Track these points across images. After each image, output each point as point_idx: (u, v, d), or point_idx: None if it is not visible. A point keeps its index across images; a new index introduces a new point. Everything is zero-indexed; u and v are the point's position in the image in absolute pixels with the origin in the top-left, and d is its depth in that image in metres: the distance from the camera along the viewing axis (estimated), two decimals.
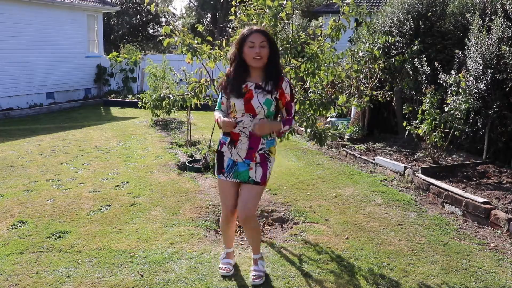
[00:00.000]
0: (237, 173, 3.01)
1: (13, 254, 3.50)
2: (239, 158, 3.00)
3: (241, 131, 2.96)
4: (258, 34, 2.86)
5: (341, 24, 3.68)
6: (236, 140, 2.98)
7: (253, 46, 2.84)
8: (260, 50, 2.84)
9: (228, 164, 3.03)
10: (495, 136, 5.93)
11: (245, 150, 2.98)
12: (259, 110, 2.91)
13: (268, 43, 2.87)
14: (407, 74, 7.37)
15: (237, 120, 2.96)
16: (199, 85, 3.86)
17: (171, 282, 3.11)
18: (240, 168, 3.00)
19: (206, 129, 8.70)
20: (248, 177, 3.00)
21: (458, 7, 7.01)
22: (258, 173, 2.99)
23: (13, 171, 5.85)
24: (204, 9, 33.33)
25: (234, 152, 3.00)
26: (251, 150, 2.98)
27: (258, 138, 2.96)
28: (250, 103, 2.91)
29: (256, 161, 2.99)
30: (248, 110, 2.92)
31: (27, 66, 11.80)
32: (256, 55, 2.85)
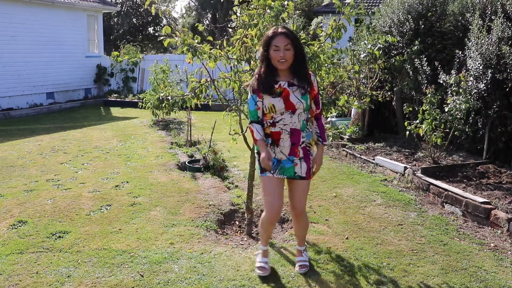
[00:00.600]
0: (283, 170, 3.09)
1: (13, 254, 3.50)
2: (283, 156, 3.07)
3: (282, 129, 3.04)
4: (282, 37, 2.92)
5: (341, 24, 3.68)
6: (278, 139, 3.06)
7: (278, 50, 2.91)
8: (284, 54, 2.92)
9: (273, 163, 3.07)
10: (495, 136, 5.93)
11: (288, 147, 3.06)
12: (299, 105, 3.00)
13: (292, 45, 2.93)
14: (407, 74, 7.37)
15: (276, 119, 3.03)
16: (199, 85, 3.86)
17: (171, 282, 3.11)
18: (285, 164, 3.08)
19: (206, 129, 8.70)
20: (294, 173, 3.08)
21: (458, 7, 7.00)
22: (303, 168, 3.08)
23: (13, 171, 5.85)
24: (204, 8, 33.34)
25: (277, 151, 3.08)
26: (294, 146, 3.06)
27: (299, 132, 3.05)
28: (289, 100, 2.99)
29: (299, 156, 3.07)
30: (288, 108, 3.00)
31: (27, 66, 11.81)
32: (281, 59, 2.92)
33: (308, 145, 3.12)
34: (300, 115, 3.03)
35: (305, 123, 3.09)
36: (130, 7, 29.02)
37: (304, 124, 3.09)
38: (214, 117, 7.71)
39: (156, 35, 29.44)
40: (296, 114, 3.02)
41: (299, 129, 3.05)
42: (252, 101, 3.06)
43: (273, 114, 3.02)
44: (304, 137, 3.09)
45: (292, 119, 3.02)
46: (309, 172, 3.11)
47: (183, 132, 8.71)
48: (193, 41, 3.62)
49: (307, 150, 3.11)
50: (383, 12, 8.01)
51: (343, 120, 8.57)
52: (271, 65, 2.99)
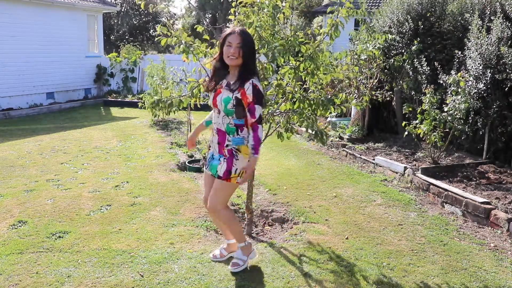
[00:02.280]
0: (211, 166, 3.21)
1: (13, 254, 3.50)
2: (215, 152, 3.21)
3: (213, 126, 3.23)
4: (237, 36, 2.99)
5: (338, 21, 3.67)
6: (212, 135, 3.24)
7: (230, 46, 3.00)
8: (235, 50, 2.98)
9: (209, 157, 3.27)
10: (495, 136, 5.93)
11: (216, 145, 3.19)
12: (220, 106, 3.08)
13: (243, 46, 2.98)
14: (407, 74, 7.37)
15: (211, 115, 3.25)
16: (197, 84, 3.85)
17: (171, 282, 3.11)
18: (214, 161, 3.20)
19: (206, 129, 8.70)
20: (216, 171, 3.15)
21: (457, 8, 7.01)
22: (222, 168, 3.11)
23: (13, 171, 5.85)
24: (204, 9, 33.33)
25: (212, 146, 3.25)
26: (219, 145, 3.16)
27: (224, 134, 3.14)
28: (215, 98, 3.11)
29: (226, 156, 3.14)
30: (214, 105, 3.14)
31: (27, 66, 11.80)
32: (231, 55, 2.99)
33: (236, 149, 3.10)
34: (224, 118, 3.09)
35: (231, 128, 3.08)
36: (130, 7, 29.01)
37: (231, 129, 3.08)
38: None
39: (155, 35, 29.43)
40: (220, 116, 3.11)
41: (223, 131, 3.12)
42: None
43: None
44: (229, 141, 3.10)
45: (218, 119, 3.14)
46: (227, 174, 3.09)
47: (183, 132, 8.71)
48: (188, 38, 3.62)
49: (232, 153, 3.11)
50: (383, 12, 8.01)
51: (343, 120, 8.58)
52: (224, 63, 3.09)
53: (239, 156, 3.11)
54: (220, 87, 3.11)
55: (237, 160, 3.10)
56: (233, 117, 3.07)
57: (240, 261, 3.32)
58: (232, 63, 3.02)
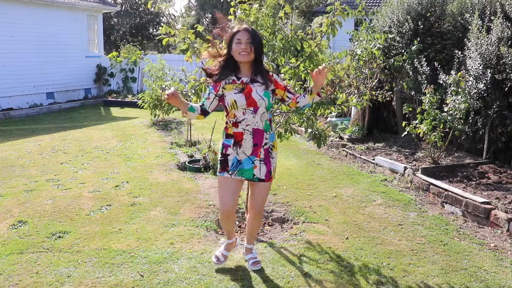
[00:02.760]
0: (242, 171, 3.07)
1: (13, 254, 3.50)
2: (244, 156, 3.06)
3: (244, 129, 3.02)
4: (245, 32, 2.95)
5: (335, 19, 3.67)
6: (241, 139, 3.03)
7: (240, 43, 2.93)
8: (246, 46, 2.93)
9: (232, 163, 3.07)
10: (495, 136, 5.93)
11: (250, 148, 3.05)
12: (261, 103, 2.99)
13: (253, 42, 2.94)
14: (406, 74, 7.37)
15: (239, 119, 3.01)
16: (199, 83, 3.86)
17: (171, 282, 3.11)
18: (245, 165, 3.06)
19: (206, 129, 8.70)
20: (253, 175, 3.07)
21: (457, 8, 7.00)
22: (262, 171, 3.08)
23: (13, 171, 5.85)
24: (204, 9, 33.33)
25: (240, 151, 3.05)
26: (256, 146, 3.05)
27: (262, 133, 3.03)
28: (251, 97, 2.97)
29: (260, 158, 3.06)
30: (250, 105, 2.98)
31: (27, 66, 11.80)
32: (243, 51, 2.93)
33: (271, 147, 3.11)
34: (263, 115, 3.02)
35: (268, 124, 3.08)
36: (130, 7, 29.01)
37: (267, 125, 3.07)
38: (214, 117, 7.69)
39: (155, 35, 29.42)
40: (258, 114, 3.00)
41: (262, 129, 3.04)
42: (207, 91, 3.09)
43: (235, 111, 3.00)
44: (267, 139, 3.08)
45: (254, 119, 3.00)
46: (269, 175, 3.10)
47: (183, 132, 8.71)
48: (192, 37, 3.62)
49: (268, 152, 3.09)
50: (383, 12, 8.01)
51: (343, 119, 8.58)
52: (232, 61, 3.00)
53: (273, 154, 3.13)
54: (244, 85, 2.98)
55: (273, 158, 3.13)
56: (269, 111, 3.08)
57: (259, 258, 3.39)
58: (244, 59, 2.95)
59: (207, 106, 3.05)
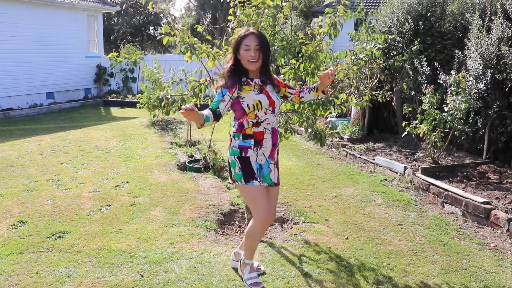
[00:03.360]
0: (264, 177, 3.02)
1: (13, 254, 3.50)
2: (263, 159, 2.99)
3: (265, 128, 2.97)
4: (254, 37, 2.88)
5: (337, 20, 3.67)
6: (262, 139, 2.96)
7: (249, 49, 2.87)
8: (255, 53, 2.87)
9: (256, 169, 2.97)
10: (495, 136, 5.93)
11: (269, 148, 3.01)
12: (277, 103, 3.02)
13: (261, 47, 2.88)
14: (407, 74, 7.37)
15: (261, 119, 2.95)
16: (198, 84, 3.86)
17: (171, 282, 3.11)
18: (264, 171, 3.02)
19: (206, 129, 8.69)
20: (270, 180, 3.06)
21: (457, 7, 7.00)
22: (276, 175, 3.11)
23: (13, 171, 5.85)
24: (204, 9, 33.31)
25: (260, 153, 2.97)
26: (274, 146, 3.04)
27: (276, 132, 3.05)
28: (270, 97, 2.98)
29: (274, 161, 3.08)
30: (271, 104, 2.97)
31: (27, 66, 11.80)
32: (252, 58, 2.87)
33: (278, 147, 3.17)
34: (277, 114, 3.09)
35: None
36: (130, 7, 29.01)
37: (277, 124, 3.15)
38: None
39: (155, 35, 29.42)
40: (275, 114, 3.04)
41: (276, 128, 3.04)
42: (220, 94, 2.90)
43: (257, 112, 2.92)
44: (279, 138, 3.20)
45: (273, 118, 3.01)
46: (279, 178, 3.16)
47: (183, 132, 8.71)
48: (192, 39, 3.62)
49: (277, 153, 3.14)
50: (383, 12, 8.01)
51: (343, 120, 8.57)
52: (240, 66, 2.93)
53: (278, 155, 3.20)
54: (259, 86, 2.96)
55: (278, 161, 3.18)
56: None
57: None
58: (253, 67, 2.91)
59: (221, 109, 2.87)
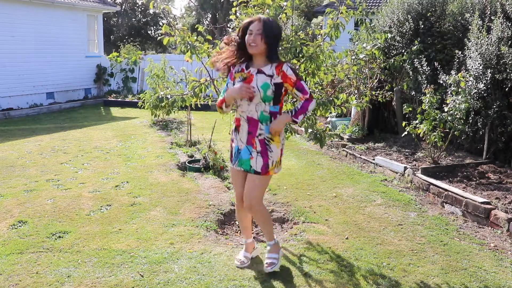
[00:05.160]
0: (241, 161, 3.11)
1: (13, 254, 3.50)
2: (242, 144, 3.10)
3: (240, 115, 3.09)
4: (257, 23, 2.95)
5: (339, 22, 3.68)
6: (238, 125, 3.11)
7: (251, 34, 2.94)
8: (255, 38, 2.92)
9: (234, 152, 3.15)
10: (495, 136, 5.93)
11: (245, 136, 3.08)
12: (255, 94, 2.98)
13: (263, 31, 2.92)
14: (407, 74, 7.37)
15: (237, 104, 3.09)
16: (199, 84, 3.86)
17: (171, 282, 3.11)
18: (243, 155, 3.09)
19: (206, 129, 8.70)
20: (250, 166, 3.08)
21: (457, 7, 7.00)
22: (259, 163, 3.06)
23: (13, 171, 5.85)
24: (204, 9, 33.32)
25: (238, 138, 3.13)
26: (250, 135, 3.07)
27: (256, 122, 3.04)
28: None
29: (256, 149, 3.06)
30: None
31: (27, 66, 11.80)
32: (252, 42, 2.94)
33: (268, 139, 3.05)
34: (258, 104, 3.00)
35: (265, 116, 3.03)
36: (130, 7, 29.02)
37: (265, 117, 3.02)
38: (214, 117, 7.71)
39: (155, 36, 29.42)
40: (253, 103, 3.00)
41: (256, 119, 3.02)
42: (226, 84, 3.15)
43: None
44: (262, 129, 3.04)
45: (249, 107, 3.02)
46: (265, 168, 3.05)
47: (183, 132, 8.70)
48: (192, 39, 3.62)
49: (265, 144, 3.05)
50: (383, 12, 8.01)
51: (343, 120, 8.57)
52: (246, 51, 3.01)
53: (272, 147, 3.06)
54: (248, 75, 3.01)
55: (271, 152, 3.07)
56: (270, 103, 3.02)
57: (274, 260, 3.27)
58: (253, 50, 2.96)
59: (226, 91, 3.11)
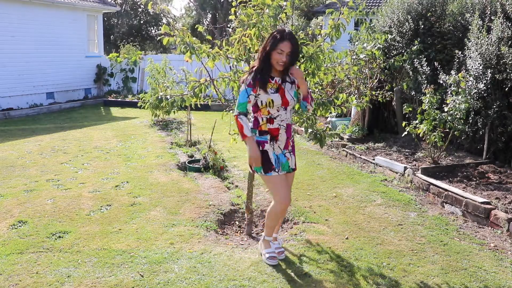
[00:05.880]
0: (283, 166, 3.27)
1: (13, 254, 3.50)
2: (279, 150, 3.25)
3: (280, 125, 3.21)
4: (289, 44, 3.05)
5: (340, 22, 3.68)
6: (277, 135, 3.22)
7: (282, 54, 3.07)
8: (286, 59, 3.08)
9: (275, 160, 3.24)
10: (495, 136, 5.93)
11: (284, 141, 3.26)
12: (292, 102, 3.20)
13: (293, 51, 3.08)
14: (407, 74, 7.37)
15: (274, 115, 3.17)
16: (198, 84, 3.85)
17: (171, 282, 3.11)
18: (282, 160, 3.26)
19: (206, 129, 8.70)
20: (289, 166, 3.30)
21: (457, 7, 7.00)
22: (293, 161, 3.34)
23: (13, 171, 5.85)
24: (204, 9, 33.31)
25: (276, 146, 3.23)
26: (288, 139, 3.27)
27: (291, 127, 3.27)
28: (285, 97, 3.17)
29: (288, 149, 3.30)
30: (284, 104, 3.18)
31: (27, 66, 11.80)
32: (283, 62, 3.08)
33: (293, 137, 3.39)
34: (291, 110, 3.27)
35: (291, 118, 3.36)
36: (130, 7, 29.01)
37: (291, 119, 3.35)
38: (214, 117, 7.71)
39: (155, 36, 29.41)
40: (288, 110, 3.22)
41: (290, 123, 3.28)
42: (244, 94, 3.15)
43: (269, 109, 3.15)
44: (293, 130, 3.36)
45: (286, 115, 3.21)
46: (296, 163, 3.39)
47: (183, 132, 8.71)
48: (192, 39, 3.62)
49: (293, 142, 3.37)
50: (383, 12, 8.01)
51: (343, 120, 8.57)
52: (269, 63, 3.13)
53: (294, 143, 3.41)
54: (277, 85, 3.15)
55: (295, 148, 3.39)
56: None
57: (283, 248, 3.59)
58: (281, 68, 3.12)
59: (249, 109, 3.22)
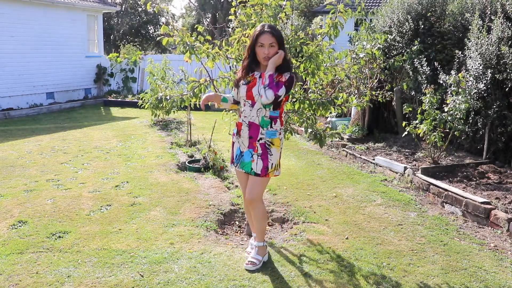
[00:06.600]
0: (243, 164, 3.24)
1: (13, 254, 3.50)
2: (244, 148, 3.22)
3: (243, 120, 3.20)
4: (268, 35, 3.04)
5: (337, 21, 3.67)
6: (240, 130, 3.23)
7: (263, 46, 3.05)
8: (268, 51, 3.05)
9: (236, 154, 3.28)
10: (495, 136, 5.93)
11: (246, 139, 3.20)
12: (257, 98, 3.09)
13: (276, 42, 3.05)
14: (407, 74, 7.37)
15: (241, 109, 3.22)
16: (198, 84, 3.85)
17: (171, 282, 3.11)
18: (245, 158, 3.21)
19: (206, 129, 8.70)
20: (251, 168, 3.20)
21: (457, 7, 7.00)
22: (259, 166, 3.18)
23: (13, 171, 5.85)
24: (204, 9, 33.31)
25: (240, 141, 3.24)
26: (251, 139, 3.18)
27: (257, 127, 3.16)
28: (251, 90, 3.11)
29: (257, 152, 3.17)
30: (249, 97, 3.14)
31: (27, 66, 11.80)
32: (266, 56, 3.06)
33: (268, 143, 3.17)
34: (259, 110, 3.13)
35: (266, 121, 3.14)
36: (130, 7, 29.01)
37: (265, 122, 3.14)
38: (214, 117, 7.72)
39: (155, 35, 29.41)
40: (255, 108, 3.13)
41: (257, 124, 3.14)
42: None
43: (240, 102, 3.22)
44: (263, 134, 3.15)
45: (251, 112, 3.14)
46: (264, 171, 3.17)
47: (183, 132, 8.70)
48: (191, 39, 3.62)
49: (265, 147, 3.17)
50: (383, 12, 8.01)
51: (343, 120, 8.57)
52: (255, 59, 3.14)
53: (272, 150, 3.18)
54: (252, 79, 3.14)
55: (271, 155, 3.18)
56: (270, 109, 3.13)
57: (257, 261, 3.34)
58: (267, 62, 3.09)
59: (235, 96, 3.28)
